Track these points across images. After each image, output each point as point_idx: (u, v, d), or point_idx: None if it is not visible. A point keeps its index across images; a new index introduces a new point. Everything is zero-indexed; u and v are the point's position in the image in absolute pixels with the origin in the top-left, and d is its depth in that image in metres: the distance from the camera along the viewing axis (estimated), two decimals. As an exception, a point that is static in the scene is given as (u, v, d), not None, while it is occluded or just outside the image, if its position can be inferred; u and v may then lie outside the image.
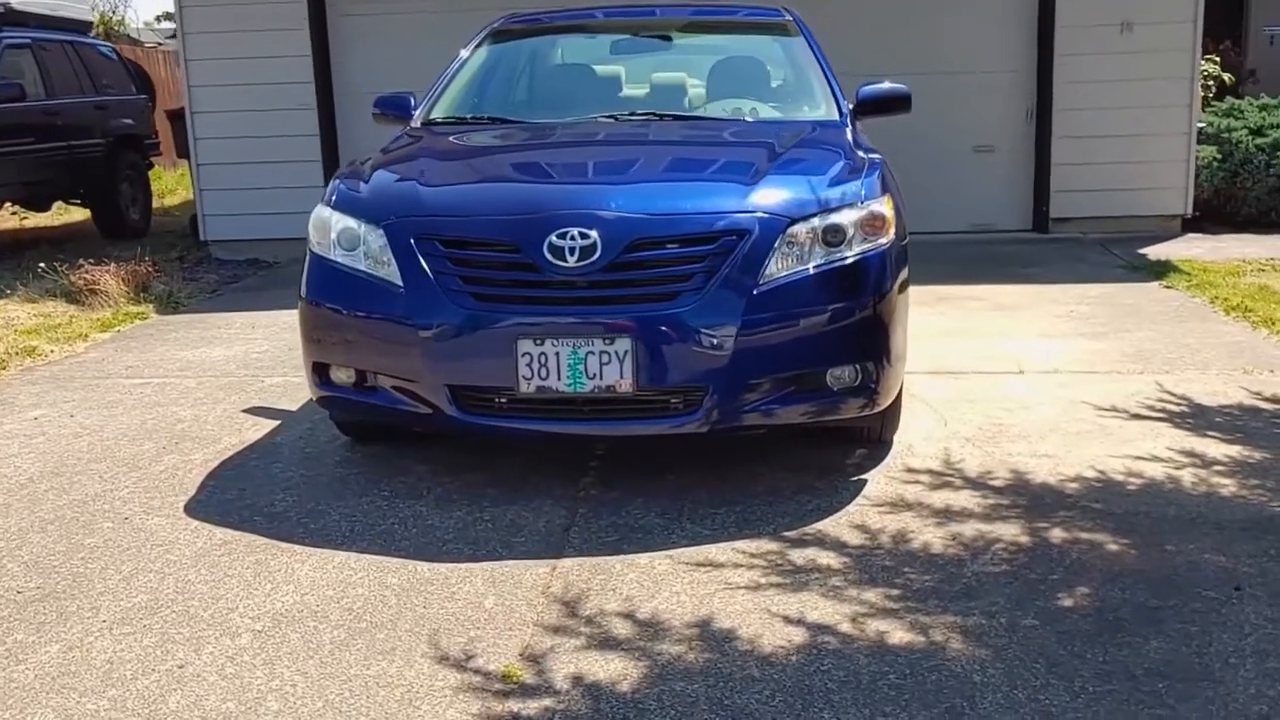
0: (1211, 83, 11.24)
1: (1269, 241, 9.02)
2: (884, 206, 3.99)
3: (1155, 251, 8.59)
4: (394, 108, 5.21)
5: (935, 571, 3.39)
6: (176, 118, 10.79)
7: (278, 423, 4.98)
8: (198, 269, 9.18)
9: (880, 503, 3.92)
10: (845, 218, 3.88)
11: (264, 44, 9.39)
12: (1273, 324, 6.29)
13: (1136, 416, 4.80)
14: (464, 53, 5.42)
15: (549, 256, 3.68)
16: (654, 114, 4.87)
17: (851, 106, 4.93)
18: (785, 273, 3.76)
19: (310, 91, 9.53)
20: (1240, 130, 9.40)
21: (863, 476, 4.17)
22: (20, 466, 4.50)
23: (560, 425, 3.80)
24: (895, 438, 4.47)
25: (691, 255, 3.73)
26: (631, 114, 4.87)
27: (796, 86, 5.12)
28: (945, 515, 3.80)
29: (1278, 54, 13.49)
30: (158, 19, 27.43)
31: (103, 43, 13.08)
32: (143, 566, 3.55)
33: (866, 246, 3.89)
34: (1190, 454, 4.34)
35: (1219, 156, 9.36)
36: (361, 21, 9.56)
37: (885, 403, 4.00)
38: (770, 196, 3.89)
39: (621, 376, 3.66)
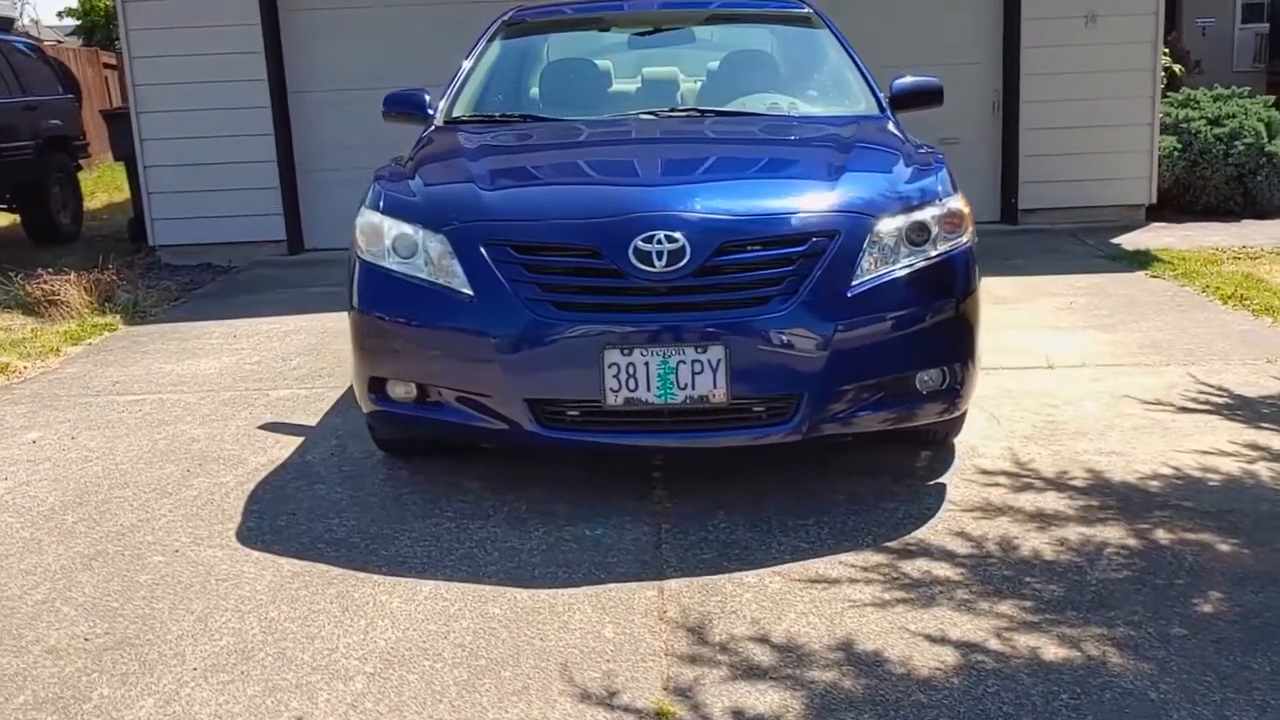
0: (1164, 73, 11.38)
1: (1232, 229, 9.16)
2: (961, 203, 3.89)
3: (1128, 241, 8.65)
4: (408, 106, 4.96)
5: (1058, 580, 3.28)
6: (113, 118, 10.31)
7: (300, 439, 4.71)
8: (150, 275, 8.76)
9: (970, 508, 3.81)
10: (928, 215, 3.76)
11: (213, 40, 9.01)
12: (1273, 312, 6.33)
13: (1184, 410, 4.76)
14: (478, 46, 5.18)
15: (635, 261, 3.49)
16: (696, 110, 4.69)
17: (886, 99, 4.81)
18: (875, 274, 3.62)
19: (263, 90, 9.16)
20: (1198, 120, 9.53)
21: (940, 480, 4.06)
22: (36, 495, 4.18)
23: (649, 438, 3.62)
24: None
25: (782, 257, 3.57)
26: (672, 110, 4.69)
27: (831, 80, 4.98)
28: (1041, 519, 3.70)
29: (1209, 45, 13.76)
30: (59, 15, 26.39)
31: (21, 39, 12.46)
32: (216, 605, 3.29)
33: (949, 245, 3.77)
34: (1255, 447, 4.30)
35: (1179, 146, 9.48)
36: (315, 16, 9.22)
37: (967, 405, 3.90)
38: (854, 195, 3.75)
39: (715, 386, 3.49)
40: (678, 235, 3.51)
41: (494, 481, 4.13)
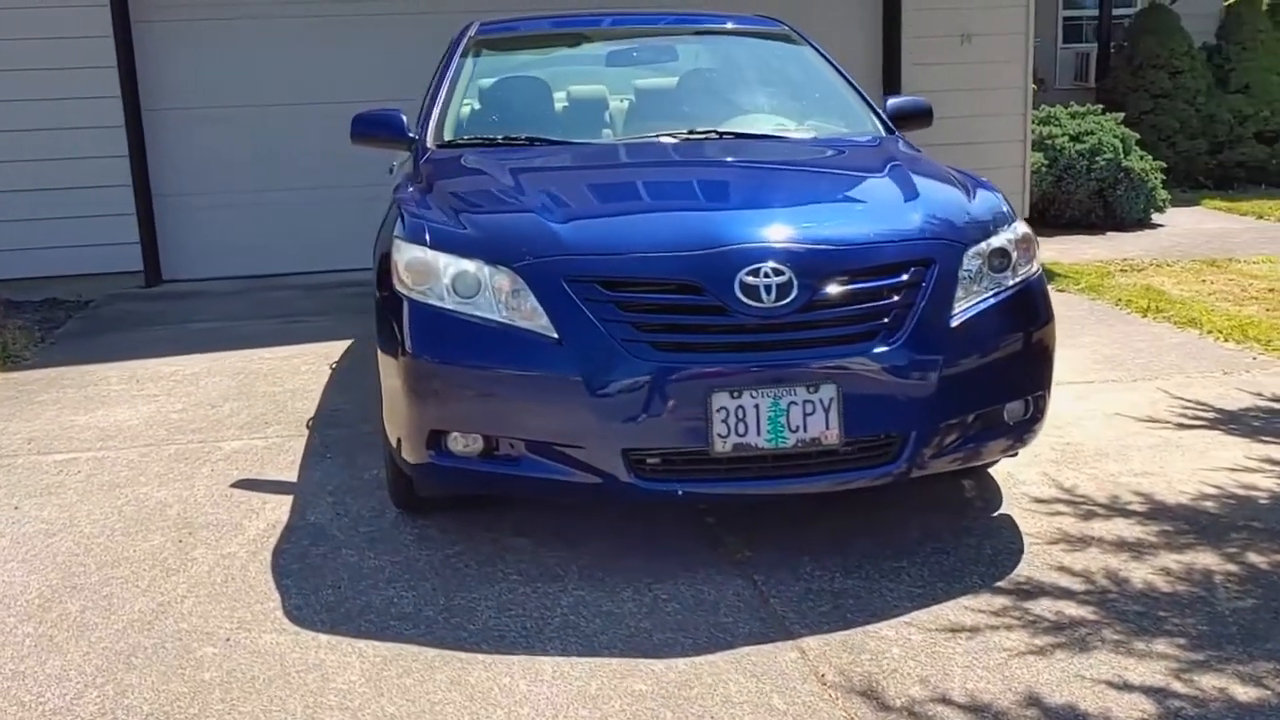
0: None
1: (1100, 241, 9.56)
2: (1026, 226, 3.81)
3: (1016, 255, 8.85)
4: (385, 129, 4.57)
5: (1192, 613, 3.23)
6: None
7: (289, 498, 4.27)
8: (-4, 314, 7.91)
9: (1051, 539, 3.73)
10: (1005, 240, 3.68)
11: (59, 54, 8.22)
12: (1196, 324, 6.56)
13: (1182, 427, 4.84)
14: (452, 64, 4.83)
15: (741, 296, 3.27)
16: (714, 132, 4.47)
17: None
18: (970, 303, 3.51)
19: (116, 108, 8.42)
20: (1061, 137, 9.89)
21: (1003, 511, 3.98)
22: (12, 581, 3.63)
23: (757, 485, 3.39)
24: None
25: (887, 288, 3.42)
26: (691, 132, 4.45)
27: (829, 98, 4.85)
28: (1129, 548, 3.65)
29: (1035, 64, 14.32)
30: None
31: None
32: (316, 703, 2.88)
33: (1027, 270, 3.70)
34: (1275, 461, 4.38)
35: (1046, 162, 9.81)
36: (176, 28, 8.54)
37: (1039, 435, 3.81)
38: (939, 220, 3.64)
39: (827, 427, 3.29)
40: (784, 268, 3.30)
41: (540, 535, 3.82)
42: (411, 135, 4.58)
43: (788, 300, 3.28)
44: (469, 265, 3.44)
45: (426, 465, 3.53)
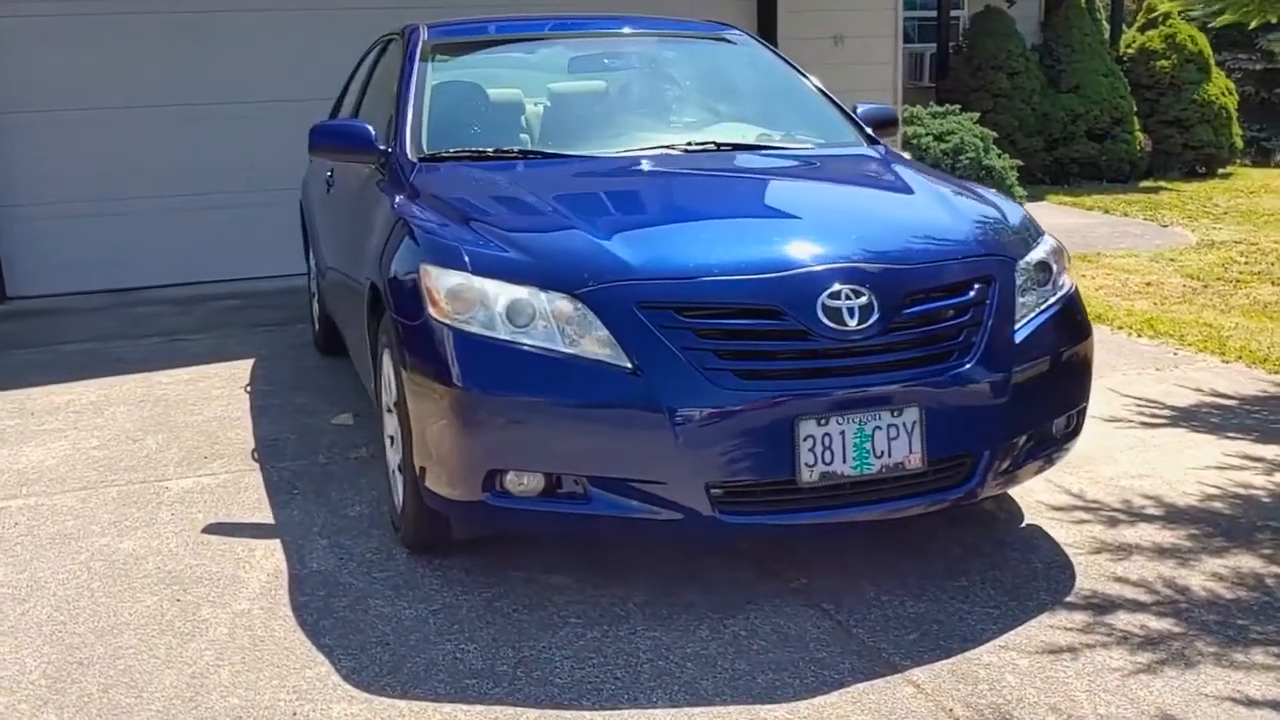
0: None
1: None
2: (1055, 238, 3.82)
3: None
4: (351, 140, 4.26)
5: (1266, 619, 3.29)
6: None
7: (275, 542, 3.93)
8: None
9: (1092, 549, 3.76)
10: (1045, 253, 3.67)
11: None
12: (1103, 320, 6.79)
13: (1148, 425, 4.97)
14: (413, 70, 4.52)
15: (825, 320, 3.14)
16: (713, 143, 4.32)
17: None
18: (1027, 318, 3.49)
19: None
20: (926, 136, 10.13)
21: (1029, 523, 3.98)
22: (3, 659, 3.20)
23: (842, 513, 3.26)
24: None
25: (958, 305, 3.36)
26: (689, 144, 4.29)
27: (808, 108, 4.77)
28: (1170, 554, 3.71)
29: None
30: None
31: None
32: (432, 782, 2.61)
33: (1066, 282, 3.69)
34: (1251, 458, 4.53)
35: (914, 161, 10.01)
36: (22, 25, 7.83)
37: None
38: (991, 237, 3.60)
39: (911, 451, 3.20)
40: (863, 289, 3.19)
41: (575, 571, 3.62)
42: (383, 148, 4.26)
43: (870, 322, 3.17)
44: (522, 292, 3.20)
45: (478, 506, 3.26)
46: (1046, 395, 3.49)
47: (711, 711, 2.86)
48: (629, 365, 3.08)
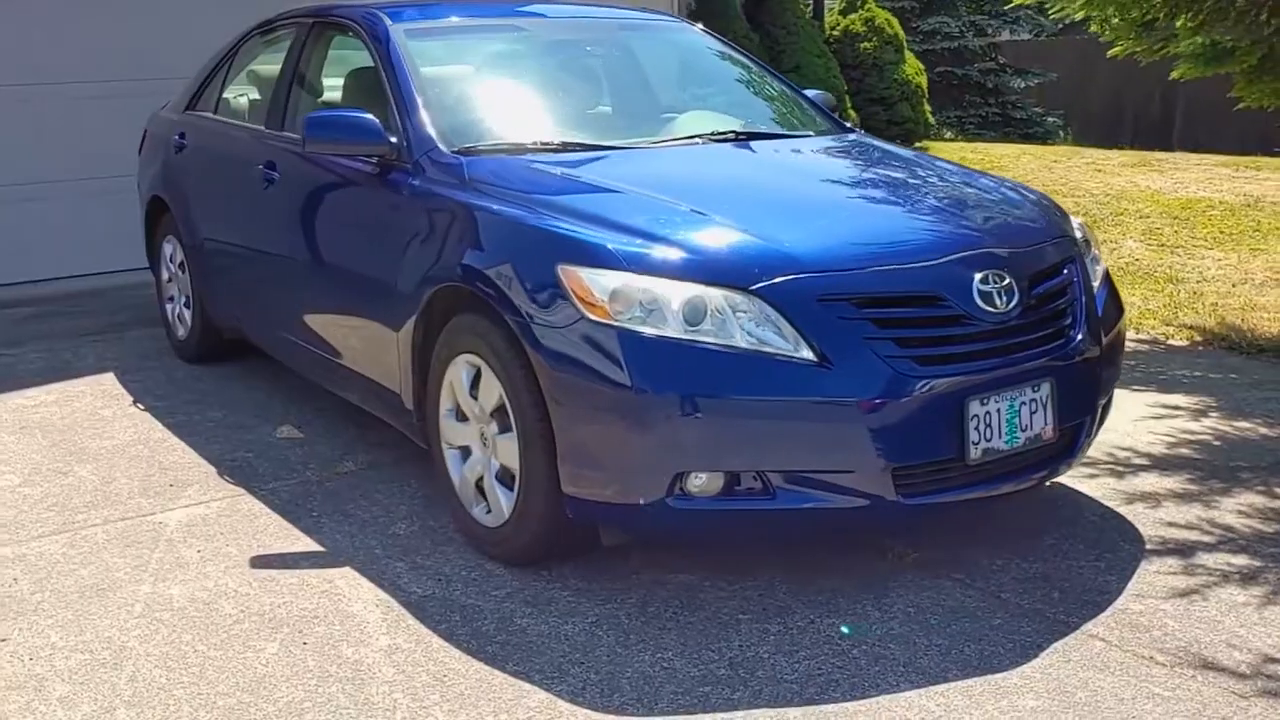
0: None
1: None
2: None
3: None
4: (354, 132, 4.00)
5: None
6: None
7: (344, 570, 3.69)
8: None
9: (1125, 500, 4.13)
10: (1083, 230, 4.00)
11: None
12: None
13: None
14: (399, 54, 4.29)
15: (980, 303, 3.32)
16: (734, 132, 4.37)
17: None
18: (1096, 292, 3.80)
19: None
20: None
21: (1067, 485, 4.25)
22: (167, 733, 2.85)
23: (995, 486, 3.44)
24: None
25: (1063, 284, 3.62)
26: (714, 134, 4.33)
27: (784, 98, 4.89)
28: (1188, 499, 4.15)
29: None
30: None
31: None
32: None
33: (1099, 260, 4.05)
34: (1170, 406, 5.13)
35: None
36: None
37: None
38: (1052, 217, 3.89)
39: (1046, 423, 3.46)
40: (1004, 272, 3.39)
41: (699, 571, 3.63)
42: (393, 140, 4.03)
43: (1013, 303, 3.37)
44: (693, 289, 3.17)
45: (654, 510, 3.21)
46: (1115, 360, 3.82)
47: (950, 688, 2.97)
48: (813, 358, 3.12)
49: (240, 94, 5.56)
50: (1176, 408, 5.08)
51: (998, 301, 3.32)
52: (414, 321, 3.79)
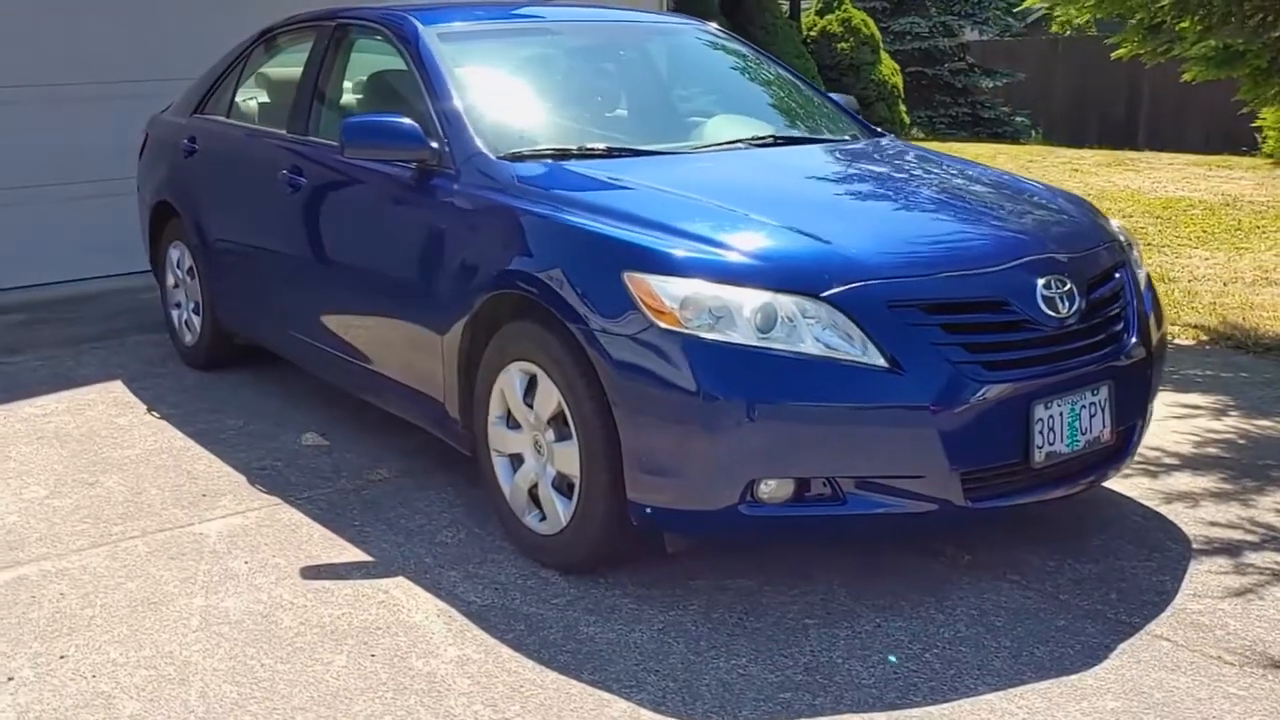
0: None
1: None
2: (1111, 221, 4.22)
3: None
4: (396, 138, 3.96)
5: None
6: None
7: (398, 580, 3.65)
8: None
9: (1163, 499, 4.18)
10: (1125, 233, 4.04)
11: None
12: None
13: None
14: (434, 60, 4.26)
15: (1043, 308, 3.35)
16: (772, 137, 4.38)
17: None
18: (1142, 294, 3.84)
19: None
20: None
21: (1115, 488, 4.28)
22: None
23: (1055, 489, 3.47)
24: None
25: (1116, 289, 3.66)
26: (754, 139, 4.34)
27: (813, 102, 4.91)
28: (1225, 498, 4.20)
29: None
30: None
31: None
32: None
33: (1140, 260, 4.08)
34: (1190, 406, 5.19)
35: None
36: None
37: None
38: (1099, 222, 3.91)
39: (1104, 426, 3.49)
40: (1065, 278, 3.42)
41: (756, 576, 3.62)
42: (433, 145, 4.00)
43: (1074, 308, 3.39)
44: (764, 296, 3.17)
45: (724, 516, 3.20)
46: (1161, 362, 3.86)
47: (1037, 690, 2.99)
48: (884, 364, 3.13)
49: (255, 98, 5.49)
50: (1197, 407, 5.14)
51: (1060, 306, 3.34)
52: (462, 328, 3.76)
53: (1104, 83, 18.68)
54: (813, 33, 14.38)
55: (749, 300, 3.14)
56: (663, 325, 3.15)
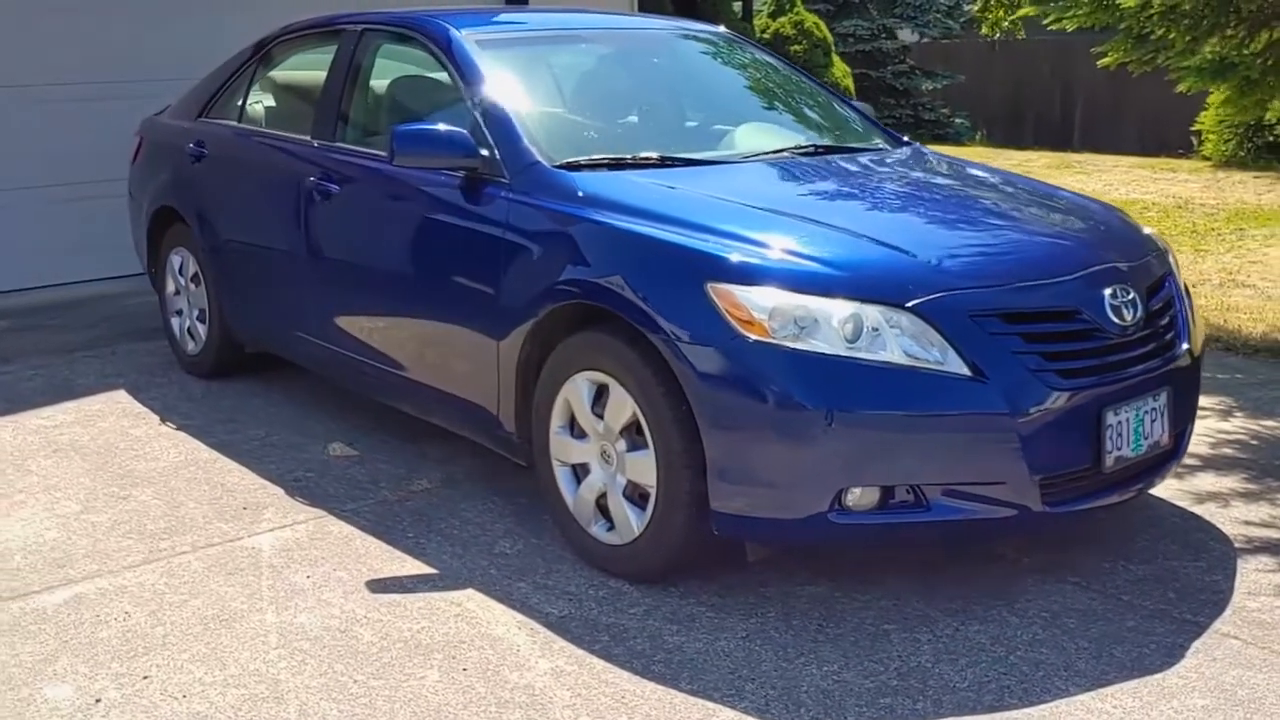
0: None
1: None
2: (1144, 229, 4.34)
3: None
4: (446, 146, 3.96)
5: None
6: None
7: (467, 592, 3.64)
8: None
9: (1196, 500, 4.30)
10: (1163, 242, 4.16)
11: None
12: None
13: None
14: (475, 68, 4.26)
15: (1112, 316, 3.45)
16: (814, 146, 4.43)
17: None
18: (1187, 301, 3.96)
19: None
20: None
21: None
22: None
23: (1121, 491, 3.56)
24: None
25: (1168, 296, 3.78)
26: (797, 148, 4.39)
27: (837, 111, 4.97)
28: (1253, 498, 4.32)
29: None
30: None
31: None
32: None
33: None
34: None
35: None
36: None
37: None
38: (1141, 231, 4.02)
39: (1163, 430, 3.60)
40: (1128, 286, 3.52)
41: (825, 582, 3.67)
42: (484, 154, 4.00)
43: (1138, 316, 3.50)
44: (850, 306, 3.22)
45: (813, 524, 3.25)
46: (1200, 367, 3.98)
47: (1126, 689, 3.07)
48: (968, 373, 3.19)
49: (267, 103, 5.41)
50: (1202, 407, 5.24)
51: (1125, 314, 3.44)
52: (523, 338, 3.75)
53: (1039, 84, 19.09)
54: (765, 35, 14.48)
55: (837, 310, 3.18)
56: (751, 336, 3.19)
